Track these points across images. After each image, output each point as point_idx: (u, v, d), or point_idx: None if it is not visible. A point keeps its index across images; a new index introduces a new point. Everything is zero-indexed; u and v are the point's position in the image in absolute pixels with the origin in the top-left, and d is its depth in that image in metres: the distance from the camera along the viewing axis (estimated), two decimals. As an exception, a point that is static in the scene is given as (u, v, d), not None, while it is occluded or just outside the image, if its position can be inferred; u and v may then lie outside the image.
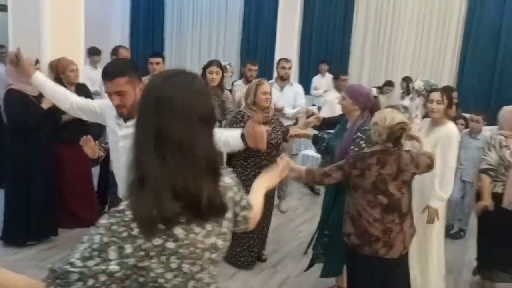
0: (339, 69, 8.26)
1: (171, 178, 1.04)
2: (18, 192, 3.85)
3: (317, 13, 8.68)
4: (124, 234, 1.01)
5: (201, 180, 1.07)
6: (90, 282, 1.00)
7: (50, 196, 3.96)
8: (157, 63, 4.84)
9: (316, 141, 3.41)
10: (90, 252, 1.01)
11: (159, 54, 5.24)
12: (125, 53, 5.03)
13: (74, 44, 4.45)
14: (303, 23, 8.50)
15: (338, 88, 5.93)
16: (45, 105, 3.69)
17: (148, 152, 1.06)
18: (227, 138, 2.10)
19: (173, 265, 1.07)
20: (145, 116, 1.10)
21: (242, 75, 6.21)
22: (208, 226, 1.13)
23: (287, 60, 5.31)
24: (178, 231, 1.06)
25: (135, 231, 1.01)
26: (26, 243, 3.93)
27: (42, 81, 2.40)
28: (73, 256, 1.02)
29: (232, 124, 3.79)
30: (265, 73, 8.34)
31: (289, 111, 5.01)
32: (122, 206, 1.05)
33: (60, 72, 4.01)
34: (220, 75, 4.43)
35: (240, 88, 5.52)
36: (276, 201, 4.54)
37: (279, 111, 4.76)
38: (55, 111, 3.53)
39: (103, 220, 1.04)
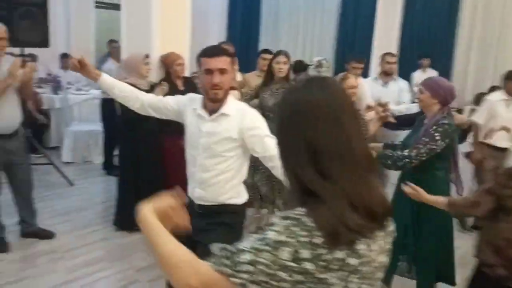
0: (443, 65, 7.85)
1: (340, 189, 0.97)
2: (128, 180, 4.10)
3: (420, 5, 8.26)
4: (305, 239, 0.94)
5: (368, 182, 1.00)
6: (260, 266, 0.95)
7: (157, 184, 4.15)
8: (267, 59, 4.94)
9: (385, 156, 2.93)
10: (263, 246, 0.96)
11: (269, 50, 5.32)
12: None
13: (181, 39, 4.61)
14: (404, 16, 8.14)
15: None
16: (155, 98, 3.88)
17: (306, 167, 0.99)
18: None
19: (352, 285, 0.97)
20: (289, 130, 1.04)
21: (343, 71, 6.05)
22: (380, 242, 1.04)
23: (392, 55, 5.11)
24: (360, 246, 0.97)
25: (318, 240, 0.94)
26: (135, 228, 4.17)
27: (110, 83, 2.34)
28: (243, 245, 0.99)
29: None
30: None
31: (393, 107, 4.81)
32: (298, 212, 0.98)
33: (168, 66, 4.19)
34: (287, 66, 4.14)
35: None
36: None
37: (383, 107, 4.57)
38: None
39: (278, 220, 0.98)
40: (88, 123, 6.46)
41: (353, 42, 8.92)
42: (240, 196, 2.31)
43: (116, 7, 9.60)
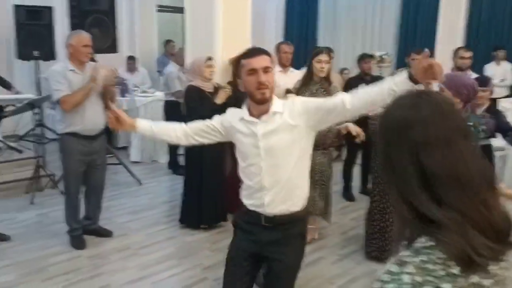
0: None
1: (461, 214, 0.92)
2: (193, 180, 4.22)
3: (488, -6, 7.89)
4: (442, 272, 0.90)
5: (486, 202, 0.94)
6: None
7: (221, 184, 4.26)
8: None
9: None
10: None
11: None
12: (286, 49, 5.15)
13: (242, 41, 4.67)
14: (470, 6, 7.78)
15: None
16: (218, 100, 3.97)
17: (420, 194, 0.94)
18: (389, 88, 1.87)
19: None
20: (398, 154, 0.97)
21: (405, 66, 5.92)
22: (508, 258, 0.99)
23: (466, 49, 4.92)
24: (492, 266, 0.94)
25: (454, 270, 0.90)
26: (199, 226, 4.30)
27: (148, 129, 2.24)
28: None
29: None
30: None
31: None
32: (424, 242, 0.94)
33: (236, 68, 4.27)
34: (329, 65, 3.89)
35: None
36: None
37: None
38: (226, 106, 3.76)
39: (408, 258, 0.93)
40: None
41: (415, 36, 8.66)
42: (305, 197, 2.23)
43: (177, 10, 9.92)
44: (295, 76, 4.55)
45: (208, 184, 4.14)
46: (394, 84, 1.87)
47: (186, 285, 3.41)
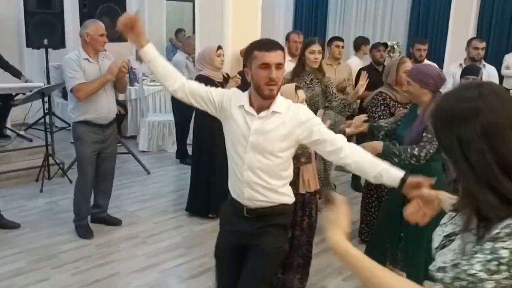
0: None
1: None
2: (201, 169, 4.22)
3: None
4: None
5: None
6: None
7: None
8: (342, 47, 5.07)
9: (372, 132, 3.03)
10: (497, 266, 0.96)
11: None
12: (295, 38, 5.11)
13: (252, 31, 4.66)
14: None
15: None
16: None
17: (502, 179, 1.00)
18: (379, 173, 1.94)
19: None
20: (478, 147, 1.01)
21: (410, 56, 5.87)
22: None
23: (480, 40, 4.87)
24: None
25: None
26: (207, 215, 4.31)
27: (154, 54, 2.09)
28: (473, 268, 0.99)
29: (372, 107, 3.63)
30: (435, 53, 7.80)
31: None
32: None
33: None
34: (321, 55, 3.87)
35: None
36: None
37: None
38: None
39: (506, 236, 0.98)
40: (162, 114, 6.72)
41: (427, 26, 8.53)
42: (291, 195, 2.23)
43: (188, -2, 9.89)
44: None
45: (216, 173, 4.14)
46: (386, 174, 1.94)
47: (194, 274, 3.44)
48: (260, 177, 2.08)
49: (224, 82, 4.07)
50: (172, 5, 9.67)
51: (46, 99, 5.21)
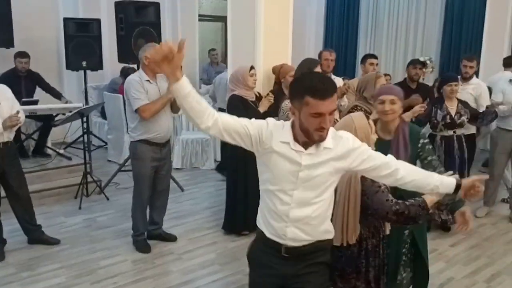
0: None
1: None
2: (237, 185, 4.26)
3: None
4: None
5: None
6: None
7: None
8: (376, 64, 5.19)
9: None
10: None
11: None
12: (327, 56, 5.14)
13: (283, 50, 4.72)
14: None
15: None
16: (262, 108, 4.02)
17: None
18: (434, 185, 2.00)
19: None
20: None
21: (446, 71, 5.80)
22: None
23: None
24: None
25: None
26: (241, 232, 4.35)
27: (189, 88, 1.82)
28: None
29: None
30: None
31: None
32: None
33: (281, 76, 4.33)
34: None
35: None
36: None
37: None
38: (269, 114, 3.81)
39: None
40: (196, 132, 6.82)
41: (460, 41, 8.44)
42: (332, 230, 2.10)
43: (217, 18, 10.11)
44: (336, 82, 4.54)
45: (252, 190, 4.17)
46: (441, 184, 2.00)
47: (228, 291, 3.47)
48: (309, 215, 1.94)
49: (257, 101, 4.13)
50: (205, 25, 9.90)
51: (84, 119, 5.39)
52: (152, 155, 3.87)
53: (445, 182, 2.01)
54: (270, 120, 1.97)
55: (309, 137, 1.85)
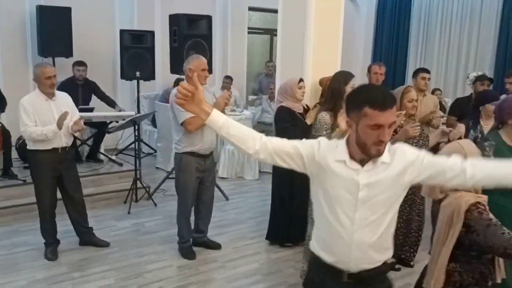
0: None
1: None
2: (282, 196, 4.28)
3: None
4: None
5: None
6: None
7: (308, 201, 4.29)
8: (428, 79, 5.07)
9: None
10: None
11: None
12: (377, 70, 5.11)
13: (332, 63, 4.72)
14: None
15: None
16: (309, 121, 4.03)
17: None
18: (492, 169, 1.79)
19: None
20: None
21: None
22: None
23: None
24: None
25: None
26: (284, 244, 4.36)
27: (223, 119, 1.82)
28: None
29: None
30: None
31: None
32: None
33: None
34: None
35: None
36: None
37: None
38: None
39: None
40: (241, 142, 6.92)
41: (515, 56, 8.13)
42: (391, 247, 1.96)
43: (266, 31, 10.24)
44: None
45: (297, 201, 4.18)
46: (503, 170, 1.79)
47: (271, 301, 3.49)
48: (373, 236, 1.84)
49: (304, 113, 4.16)
50: (253, 38, 10.05)
51: (136, 127, 5.58)
52: (196, 167, 3.95)
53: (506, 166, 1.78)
54: (323, 139, 1.91)
55: (366, 151, 1.77)
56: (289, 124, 4.04)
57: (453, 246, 1.97)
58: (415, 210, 3.89)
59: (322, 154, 1.84)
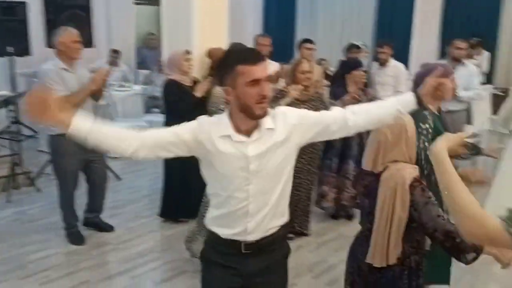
0: (489, 46, 7.60)
1: None
2: (174, 172, 4.19)
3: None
4: None
5: None
6: None
7: (200, 176, 4.26)
8: (313, 49, 5.20)
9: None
10: None
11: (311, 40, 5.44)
12: (262, 41, 5.14)
13: (219, 34, 4.67)
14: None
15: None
16: (198, 93, 3.94)
17: None
18: (395, 108, 1.80)
19: None
20: None
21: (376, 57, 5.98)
22: None
23: (462, 40, 5.02)
24: None
25: None
26: (178, 219, 4.31)
27: (87, 124, 1.65)
28: None
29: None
30: (401, 53, 7.98)
31: (462, 94, 4.76)
32: None
33: (216, 61, 4.26)
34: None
35: (374, 70, 5.36)
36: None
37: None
38: (206, 100, 3.78)
39: None
40: (132, 119, 6.67)
41: (392, 27, 8.74)
42: (287, 212, 1.97)
43: (154, 2, 9.84)
44: (272, 67, 4.57)
45: (191, 176, 4.12)
46: (400, 105, 1.81)
47: (166, 278, 3.44)
48: (269, 205, 1.83)
49: (193, 86, 4.07)
50: (141, 10, 9.61)
51: (12, 107, 5.11)
52: (74, 149, 3.49)
53: (402, 99, 1.81)
54: (202, 118, 1.83)
55: (251, 114, 1.71)
56: (178, 97, 3.93)
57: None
58: (303, 178, 3.94)
59: (205, 134, 1.77)
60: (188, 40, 4.50)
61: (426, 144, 2.40)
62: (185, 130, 1.76)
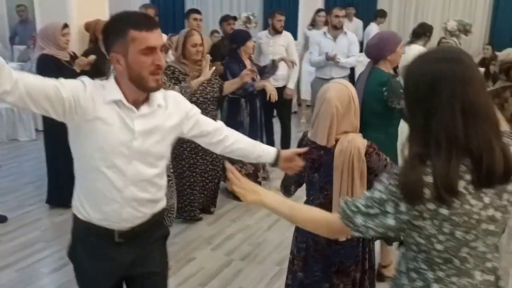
0: (367, 14, 8.02)
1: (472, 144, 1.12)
2: (59, 155, 3.91)
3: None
4: (400, 195, 1.18)
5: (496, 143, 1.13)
6: (370, 223, 1.24)
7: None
8: (200, 20, 5.11)
9: None
10: (372, 203, 1.23)
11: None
12: (147, 12, 4.94)
13: (99, 6, 4.39)
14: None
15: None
16: (77, 68, 3.68)
17: (453, 121, 1.13)
18: (258, 155, 1.92)
19: (445, 230, 1.18)
20: (450, 94, 1.14)
21: (267, 26, 6.03)
22: (486, 199, 1.17)
23: (340, 8, 5.17)
24: (458, 200, 1.14)
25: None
26: (68, 205, 4.06)
27: None
28: (359, 202, 1.27)
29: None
30: (290, 23, 8.16)
31: (343, 60, 4.94)
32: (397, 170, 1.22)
33: (97, 33, 3.99)
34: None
35: (266, 40, 5.41)
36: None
37: (332, 59, 4.83)
38: (91, 74, 3.53)
39: (384, 180, 1.24)
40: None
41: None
42: (164, 198, 1.84)
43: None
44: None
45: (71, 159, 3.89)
46: (263, 153, 1.93)
47: (56, 267, 3.23)
48: (146, 190, 1.68)
49: (72, 61, 3.79)
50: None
51: None
52: None
53: (268, 151, 1.94)
54: (87, 79, 1.60)
55: (143, 86, 1.56)
56: (55, 74, 3.63)
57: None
58: (209, 159, 3.79)
59: (88, 97, 1.55)
60: (63, 11, 4.17)
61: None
62: (66, 88, 1.52)
